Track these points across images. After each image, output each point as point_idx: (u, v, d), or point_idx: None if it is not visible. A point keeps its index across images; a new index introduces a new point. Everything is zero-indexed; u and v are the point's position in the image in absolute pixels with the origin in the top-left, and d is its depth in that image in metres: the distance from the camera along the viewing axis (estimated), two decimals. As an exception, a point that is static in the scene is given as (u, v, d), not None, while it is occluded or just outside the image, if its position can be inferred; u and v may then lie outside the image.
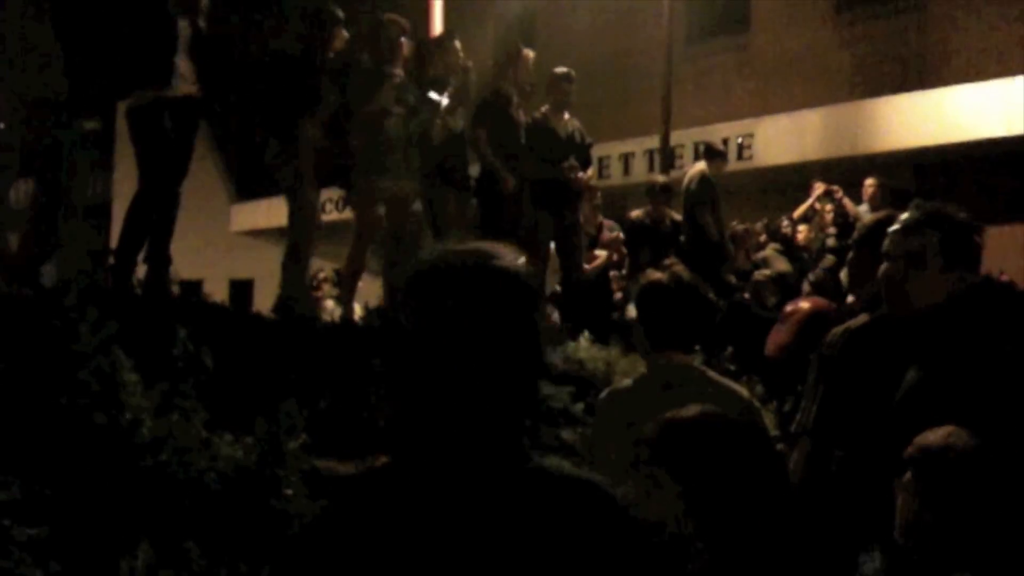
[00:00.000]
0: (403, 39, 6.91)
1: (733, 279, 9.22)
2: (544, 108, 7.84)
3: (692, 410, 2.16)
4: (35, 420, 3.58)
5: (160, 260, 5.75)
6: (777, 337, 6.21)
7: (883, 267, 3.09)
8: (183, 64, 5.71)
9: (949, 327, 2.94)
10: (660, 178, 9.81)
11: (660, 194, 9.27)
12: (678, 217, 9.39)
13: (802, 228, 10.27)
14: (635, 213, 9.27)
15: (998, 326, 2.94)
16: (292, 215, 6.43)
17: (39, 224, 5.39)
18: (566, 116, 7.87)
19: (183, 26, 5.70)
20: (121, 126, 5.95)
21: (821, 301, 6.57)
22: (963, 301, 2.95)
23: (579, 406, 6.00)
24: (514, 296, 1.52)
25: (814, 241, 10.16)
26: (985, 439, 2.37)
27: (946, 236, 2.99)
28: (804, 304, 6.47)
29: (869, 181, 10.18)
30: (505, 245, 1.59)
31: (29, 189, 5.72)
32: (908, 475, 2.40)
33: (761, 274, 8.53)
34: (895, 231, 3.08)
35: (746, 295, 8.41)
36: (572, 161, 7.62)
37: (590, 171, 8.42)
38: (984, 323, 2.93)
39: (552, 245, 7.86)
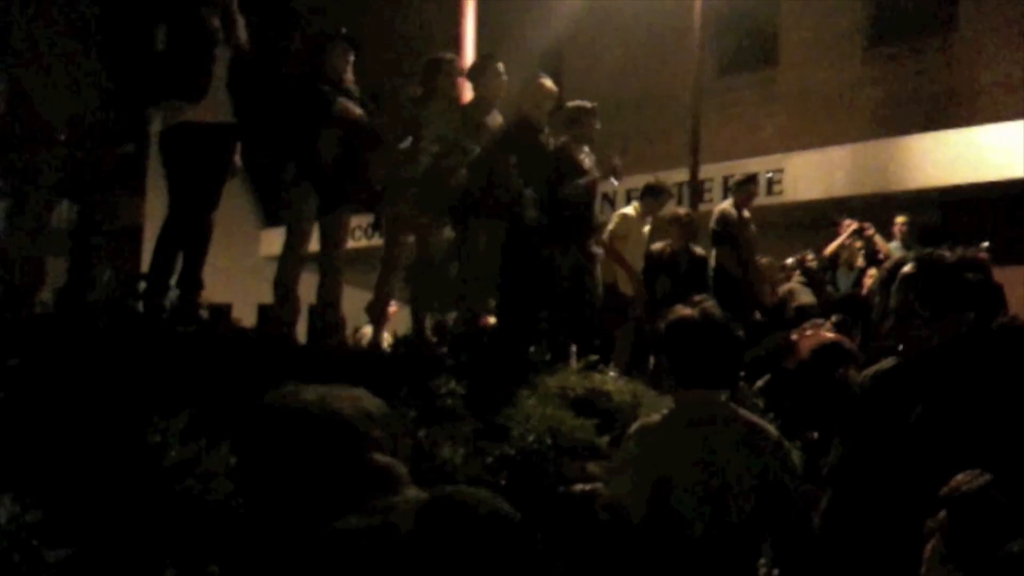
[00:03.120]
0: (458, 74, 7.00)
1: (758, 315, 9.19)
2: (564, 138, 7.82)
3: None
4: (64, 443, 3.60)
5: (191, 285, 5.78)
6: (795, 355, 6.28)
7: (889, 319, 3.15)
8: (220, 91, 5.75)
9: (938, 371, 3.00)
10: (680, 210, 9.79)
11: (679, 226, 9.24)
12: (700, 251, 9.36)
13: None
14: (655, 245, 9.25)
15: (991, 367, 2.97)
16: (320, 240, 6.49)
17: (78, 247, 5.44)
18: (585, 150, 7.87)
19: (221, 52, 5.74)
20: (154, 151, 6.00)
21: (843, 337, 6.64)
22: (950, 347, 3.02)
23: (604, 439, 5.97)
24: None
25: (845, 278, 10.13)
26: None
27: (927, 286, 3.07)
28: (829, 334, 6.53)
29: (899, 219, 10.16)
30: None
31: (69, 211, 5.77)
32: (942, 516, 2.39)
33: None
34: (893, 287, 3.16)
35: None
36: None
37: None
38: (975, 365, 2.98)
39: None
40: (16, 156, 5.08)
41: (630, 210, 8.90)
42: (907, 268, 3.15)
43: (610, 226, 8.57)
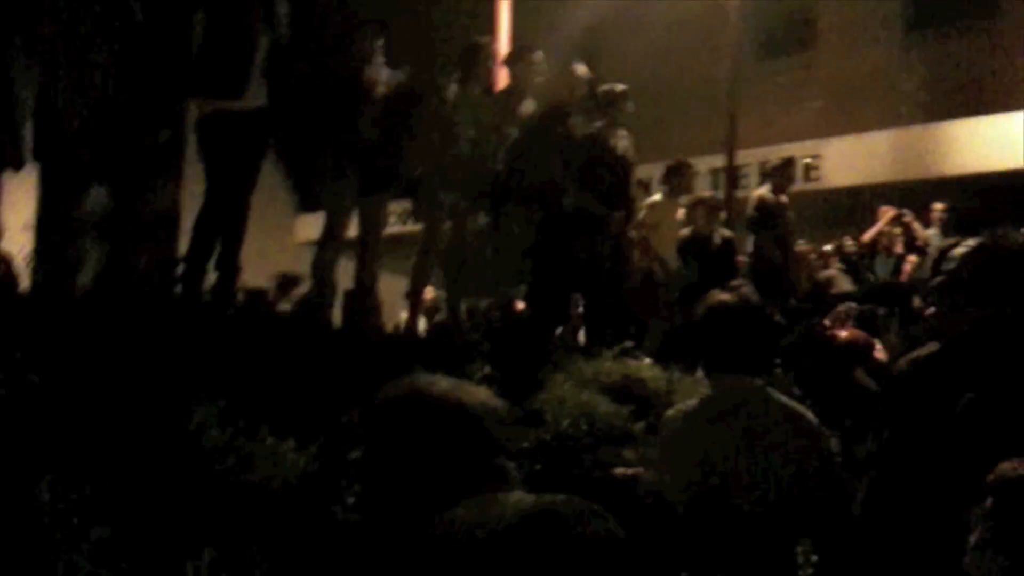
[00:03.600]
0: (495, 60, 6.99)
1: (794, 301, 9.13)
2: (599, 123, 7.81)
3: None
4: (104, 425, 3.64)
5: (229, 269, 5.81)
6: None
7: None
8: (255, 78, 5.76)
9: (983, 356, 3.00)
10: (704, 193, 9.72)
11: (705, 209, 9.18)
12: (728, 234, 9.29)
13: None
14: (683, 232, 9.20)
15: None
16: (361, 225, 6.50)
17: (114, 233, 5.47)
18: (621, 134, 7.84)
19: (261, 39, 5.74)
20: (190, 137, 6.02)
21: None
22: (995, 331, 3.01)
23: (640, 425, 5.96)
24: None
25: (883, 264, 10.04)
26: None
27: (987, 269, 3.07)
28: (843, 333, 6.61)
29: (937, 206, 10.04)
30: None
31: (101, 197, 5.79)
32: (988, 503, 2.36)
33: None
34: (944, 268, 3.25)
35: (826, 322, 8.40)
36: None
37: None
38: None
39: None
40: (49, 142, 5.10)
41: (658, 197, 8.85)
42: (959, 250, 3.12)
43: (641, 215, 8.52)
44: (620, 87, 7.85)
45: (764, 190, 9.24)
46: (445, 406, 1.80)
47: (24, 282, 5.19)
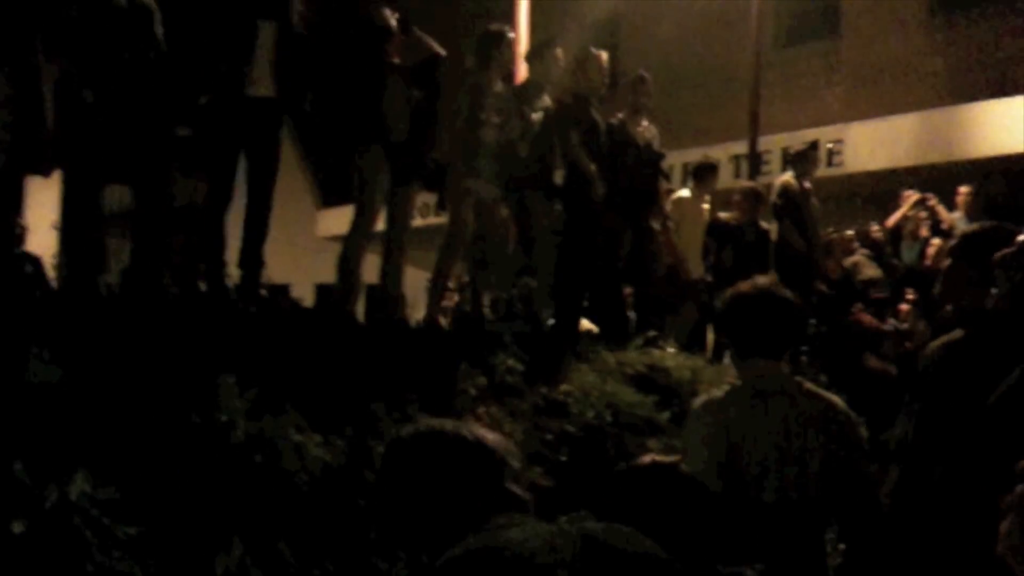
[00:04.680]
0: (513, 49, 6.97)
1: (824, 288, 9.09)
2: (621, 114, 7.78)
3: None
4: (134, 421, 3.66)
5: (253, 263, 5.82)
6: None
7: None
8: (261, 67, 5.72)
9: (1009, 342, 3.03)
10: (754, 184, 9.68)
11: (751, 200, 9.16)
12: (765, 225, 9.28)
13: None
14: (722, 215, 9.17)
15: None
16: (388, 216, 6.50)
17: (137, 229, 5.48)
18: (644, 123, 7.81)
19: (265, 28, 5.68)
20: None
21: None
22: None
23: (664, 415, 5.95)
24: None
25: (909, 249, 9.97)
26: None
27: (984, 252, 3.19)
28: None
29: (963, 189, 9.95)
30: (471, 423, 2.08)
31: (124, 194, 5.81)
32: (1020, 490, 2.32)
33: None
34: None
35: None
36: None
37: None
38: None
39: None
40: (70, 143, 5.13)
41: (686, 192, 8.80)
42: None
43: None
44: (639, 73, 7.82)
45: (788, 176, 9.19)
46: (461, 438, 1.90)
47: (53, 281, 5.22)
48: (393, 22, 6.42)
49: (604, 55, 7.54)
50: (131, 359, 3.99)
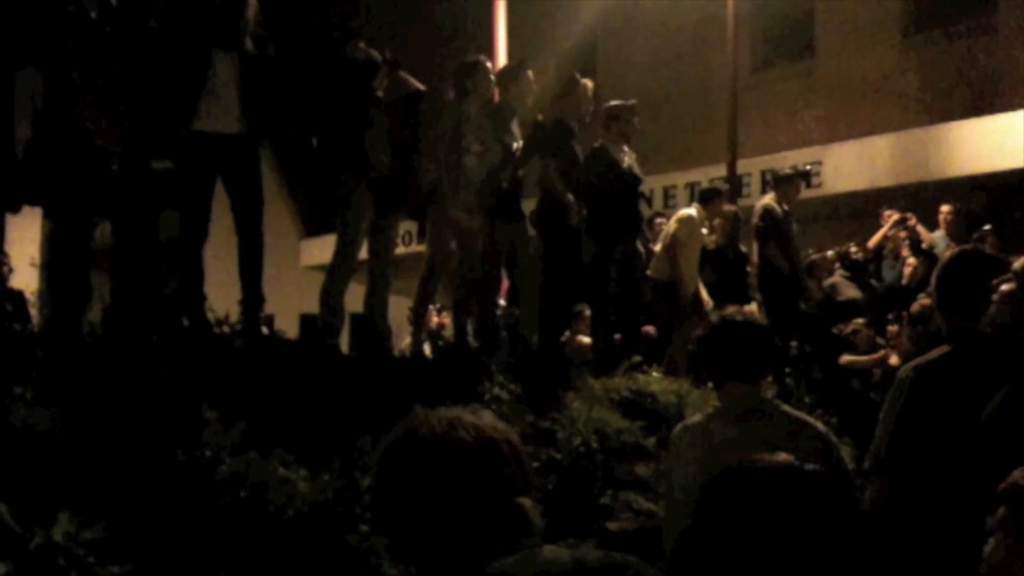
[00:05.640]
0: (489, 78, 7.01)
1: (807, 308, 9.13)
2: (601, 140, 7.80)
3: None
4: (119, 460, 3.65)
5: (254, 302, 5.76)
6: None
7: None
8: (226, 102, 5.59)
9: (992, 362, 3.09)
10: (731, 207, 9.72)
11: (729, 222, 9.20)
12: (743, 248, 9.34)
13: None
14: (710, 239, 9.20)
15: None
16: (371, 248, 6.50)
17: (119, 265, 5.45)
18: (624, 147, 7.84)
19: (225, 62, 5.58)
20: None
21: None
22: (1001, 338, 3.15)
23: (651, 440, 5.96)
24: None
25: (890, 269, 10.04)
26: None
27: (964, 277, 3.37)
28: None
29: (945, 208, 10.01)
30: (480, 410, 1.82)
31: (106, 230, 5.78)
32: (1001, 512, 2.33)
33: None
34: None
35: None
36: None
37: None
38: None
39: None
40: (58, 176, 5.11)
41: (693, 212, 8.79)
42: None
43: (673, 228, 8.45)
44: (627, 101, 7.87)
45: (770, 199, 9.24)
46: (467, 446, 1.71)
47: (35, 318, 5.20)
48: (378, 56, 6.46)
49: (590, 83, 7.59)
50: (115, 397, 3.97)
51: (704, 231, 8.78)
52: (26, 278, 5.57)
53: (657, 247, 8.49)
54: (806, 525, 1.76)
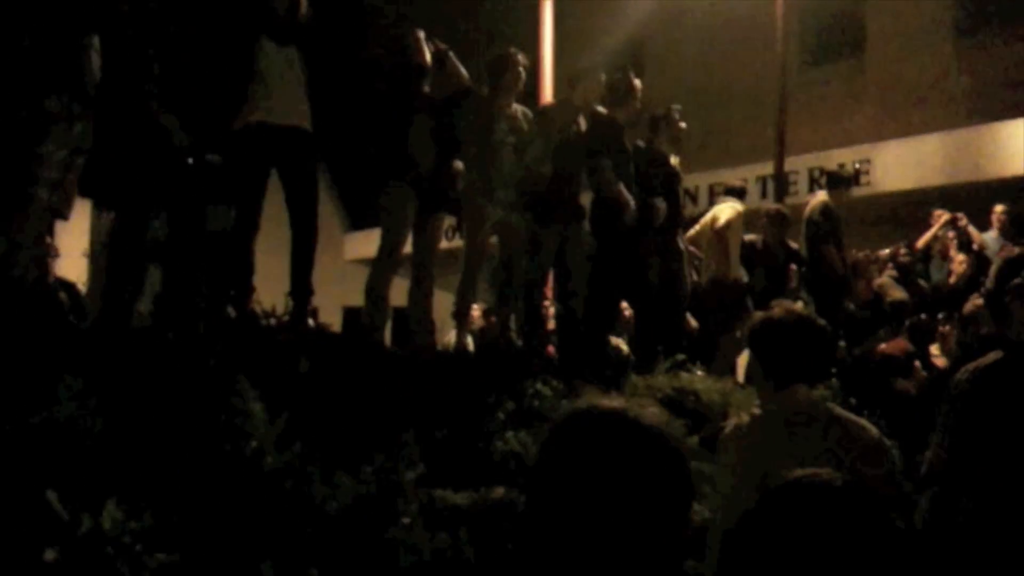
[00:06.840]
0: (522, 72, 6.99)
1: (852, 307, 9.05)
2: (649, 136, 7.82)
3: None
4: (165, 450, 3.68)
5: (302, 293, 5.83)
6: None
7: None
8: (283, 94, 5.67)
9: None
10: (776, 206, 9.67)
11: (778, 221, 9.16)
12: (793, 245, 9.25)
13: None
14: (749, 237, 9.15)
15: None
16: (415, 244, 6.53)
17: (170, 257, 5.50)
18: (668, 149, 7.86)
19: (280, 56, 5.67)
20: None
21: None
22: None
23: (694, 439, 5.91)
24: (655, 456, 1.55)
25: (939, 270, 9.92)
26: None
27: None
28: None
29: (998, 208, 9.87)
30: (647, 402, 1.64)
31: (159, 222, 5.83)
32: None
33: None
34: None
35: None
36: None
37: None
38: None
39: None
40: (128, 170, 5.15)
41: (739, 205, 8.75)
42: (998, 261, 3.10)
43: (724, 218, 8.43)
44: (676, 106, 7.89)
45: (825, 196, 9.15)
46: (654, 431, 1.57)
47: (87, 308, 5.27)
48: (429, 57, 6.48)
49: (638, 81, 7.57)
50: (163, 388, 4.01)
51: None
52: (77, 269, 5.64)
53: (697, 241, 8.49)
54: (863, 547, 1.73)
